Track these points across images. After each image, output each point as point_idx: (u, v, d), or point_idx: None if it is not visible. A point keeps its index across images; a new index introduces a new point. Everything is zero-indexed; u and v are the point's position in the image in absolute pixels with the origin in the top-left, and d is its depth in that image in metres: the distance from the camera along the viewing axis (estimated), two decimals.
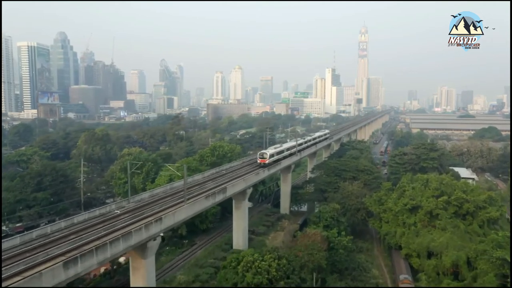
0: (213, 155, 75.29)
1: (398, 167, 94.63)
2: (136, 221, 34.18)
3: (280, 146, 72.72)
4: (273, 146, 72.29)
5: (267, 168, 64.58)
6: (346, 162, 79.89)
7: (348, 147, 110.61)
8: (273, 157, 66.70)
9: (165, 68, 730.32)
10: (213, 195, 43.03)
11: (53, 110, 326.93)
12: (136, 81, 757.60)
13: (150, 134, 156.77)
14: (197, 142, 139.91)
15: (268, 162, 64.77)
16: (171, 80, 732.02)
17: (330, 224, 58.22)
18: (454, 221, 51.17)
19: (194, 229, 64.90)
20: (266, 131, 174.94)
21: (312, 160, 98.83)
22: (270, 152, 66.26)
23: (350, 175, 75.05)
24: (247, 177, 56.30)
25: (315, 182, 78.59)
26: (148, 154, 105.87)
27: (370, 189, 72.40)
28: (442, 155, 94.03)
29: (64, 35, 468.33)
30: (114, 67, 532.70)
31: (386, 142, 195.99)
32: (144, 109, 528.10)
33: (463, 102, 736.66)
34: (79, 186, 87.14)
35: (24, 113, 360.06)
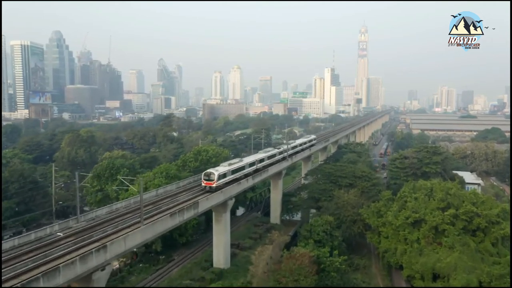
0: (197, 160, 68.80)
1: (399, 172, 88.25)
2: (77, 249, 27.73)
3: (238, 162, 56.83)
4: (228, 162, 55.90)
5: (251, 177, 57.30)
6: (342, 167, 73.45)
7: (346, 150, 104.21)
8: (224, 178, 50.81)
9: (163, 67, 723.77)
10: (181, 212, 36.53)
11: (45, 110, 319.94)
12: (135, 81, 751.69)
13: (140, 135, 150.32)
14: (188, 144, 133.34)
15: (217, 186, 48.79)
16: (169, 80, 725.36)
17: (323, 239, 51.98)
18: (463, 238, 44.70)
19: (173, 242, 58.56)
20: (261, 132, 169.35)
21: (307, 164, 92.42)
22: (220, 171, 50.24)
23: (347, 182, 68.62)
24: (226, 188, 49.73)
25: (308, 188, 72.18)
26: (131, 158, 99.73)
27: (368, 197, 66.00)
28: (446, 159, 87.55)
29: (59, 34, 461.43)
30: (110, 66, 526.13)
31: (386, 144, 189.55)
32: (141, 109, 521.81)
33: (464, 102, 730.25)
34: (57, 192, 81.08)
35: (18, 113, 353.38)
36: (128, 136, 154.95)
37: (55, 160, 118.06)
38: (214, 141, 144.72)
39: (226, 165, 53.17)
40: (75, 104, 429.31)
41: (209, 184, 48.72)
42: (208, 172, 49.65)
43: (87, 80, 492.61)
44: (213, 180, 48.54)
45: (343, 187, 68.45)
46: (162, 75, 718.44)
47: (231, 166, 53.46)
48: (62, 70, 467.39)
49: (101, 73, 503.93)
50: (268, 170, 63.22)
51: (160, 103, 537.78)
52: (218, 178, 48.97)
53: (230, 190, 48.45)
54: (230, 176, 51.94)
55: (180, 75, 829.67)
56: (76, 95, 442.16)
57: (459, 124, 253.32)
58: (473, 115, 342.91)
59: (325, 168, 73.28)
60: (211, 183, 48.54)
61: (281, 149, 70.51)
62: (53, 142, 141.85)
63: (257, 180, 59.98)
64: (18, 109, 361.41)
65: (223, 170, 50.98)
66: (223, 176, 50.45)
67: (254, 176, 58.45)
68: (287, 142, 78.28)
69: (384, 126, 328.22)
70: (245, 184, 55.00)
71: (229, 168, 52.41)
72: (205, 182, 49.10)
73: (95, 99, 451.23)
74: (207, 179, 49.10)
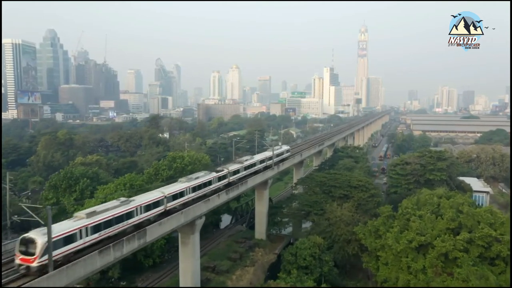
0: (171, 168, 60.51)
1: (400, 179, 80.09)
2: None
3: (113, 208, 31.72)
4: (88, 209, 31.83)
5: (225, 192, 47.92)
6: (336, 176, 65.25)
7: (342, 154, 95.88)
8: (67, 246, 26.35)
9: (161, 67, 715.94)
10: (118, 245, 28.00)
11: (35, 110, 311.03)
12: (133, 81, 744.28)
13: (126, 137, 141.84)
14: (175, 147, 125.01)
15: (39, 264, 24.48)
16: (167, 80, 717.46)
17: (310, 264, 43.80)
18: (480, 269, 36.46)
19: (138, 265, 50.36)
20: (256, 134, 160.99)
21: (299, 170, 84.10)
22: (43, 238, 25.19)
23: (341, 193, 60.48)
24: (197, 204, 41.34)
25: (298, 199, 63.92)
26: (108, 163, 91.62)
27: (365, 210, 57.88)
28: (452, 165, 79.29)
29: (53, 32, 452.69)
30: (106, 66, 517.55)
31: (386, 146, 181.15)
32: (138, 109, 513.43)
33: (465, 103, 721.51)
34: (23, 201, 73.07)
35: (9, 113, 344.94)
36: (114, 138, 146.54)
37: (30, 164, 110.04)
38: (203, 143, 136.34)
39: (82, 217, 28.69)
40: (69, 104, 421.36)
41: (25, 261, 24.60)
42: (26, 239, 25.05)
43: (83, 79, 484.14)
44: (36, 255, 24.38)
45: (337, 198, 60.39)
46: (159, 75, 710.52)
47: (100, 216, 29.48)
48: (57, 70, 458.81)
49: (96, 72, 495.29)
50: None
51: (157, 103, 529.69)
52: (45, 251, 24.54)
53: (194, 210, 39.95)
54: (83, 240, 27.44)
55: (178, 75, 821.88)
56: (70, 95, 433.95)
57: (461, 125, 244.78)
58: (475, 116, 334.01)
59: (317, 177, 65.02)
60: (29, 261, 24.45)
61: (220, 174, 48.81)
62: (32, 145, 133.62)
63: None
64: (9, 109, 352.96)
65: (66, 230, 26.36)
66: (64, 243, 25.99)
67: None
68: (239, 160, 56.88)
69: (384, 126, 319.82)
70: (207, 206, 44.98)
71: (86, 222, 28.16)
72: (20, 258, 24.86)
73: (90, 99, 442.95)
74: (23, 251, 24.86)
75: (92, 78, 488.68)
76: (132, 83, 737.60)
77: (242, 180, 52.86)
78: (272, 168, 59.61)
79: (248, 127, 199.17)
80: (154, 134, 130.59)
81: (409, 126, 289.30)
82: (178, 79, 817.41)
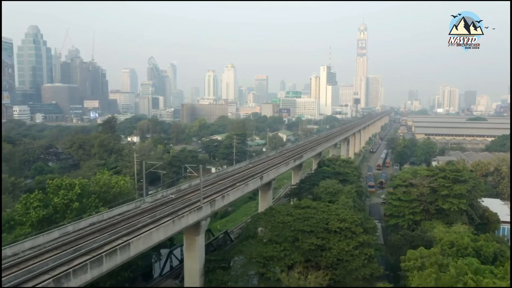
0: (47, 206, 38.73)
1: (401, 207, 59.02)
2: None
3: None
4: None
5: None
6: (309, 212, 43.86)
7: (328, 169, 74.17)
8: None
9: (154, 66, 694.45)
10: None
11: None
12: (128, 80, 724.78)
13: (79, 144, 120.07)
14: (130, 155, 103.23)
15: None
16: (160, 79, 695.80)
17: None
18: None
19: None
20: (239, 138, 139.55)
21: (266, 194, 62.17)
22: None
23: (312, 244, 39.06)
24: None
25: (245, 253, 42.19)
26: (20, 181, 70.10)
27: (348, 271, 36.64)
28: (474, 188, 57.81)
29: (36, 29, 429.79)
30: (94, 64, 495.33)
31: (385, 151, 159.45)
32: (128, 109, 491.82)
33: (466, 103, 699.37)
34: None
35: None
36: (66, 144, 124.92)
37: None
38: (167, 151, 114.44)
39: None
40: (52, 104, 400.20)
41: None
42: None
43: (68, 78, 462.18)
44: None
45: (306, 252, 39.00)
46: (152, 74, 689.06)
47: None
48: (40, 68, 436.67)
49: (82, 71, 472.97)
50: None
51: (147, 103, 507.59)
52: None
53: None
54: None
55: (174, 74, 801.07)
56: (53, 94, 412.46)
57: (468, 128, 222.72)
58: (482, 118, 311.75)
59: (278, 216, 43.16)
60: None
61: None
62: None
63: None
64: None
65: None
66: None
67: None
68: None
69: (384, 129, 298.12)
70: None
71: None
72: None
73: (75, 99, 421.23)
74: None
75: (78, 77, 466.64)
76: (126, 82, 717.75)
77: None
78: (199, 207, 37.23)
79: (230, 130, 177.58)
80: (105, 140, 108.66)
81: (411, 128, 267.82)
82: (174, 78, 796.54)
